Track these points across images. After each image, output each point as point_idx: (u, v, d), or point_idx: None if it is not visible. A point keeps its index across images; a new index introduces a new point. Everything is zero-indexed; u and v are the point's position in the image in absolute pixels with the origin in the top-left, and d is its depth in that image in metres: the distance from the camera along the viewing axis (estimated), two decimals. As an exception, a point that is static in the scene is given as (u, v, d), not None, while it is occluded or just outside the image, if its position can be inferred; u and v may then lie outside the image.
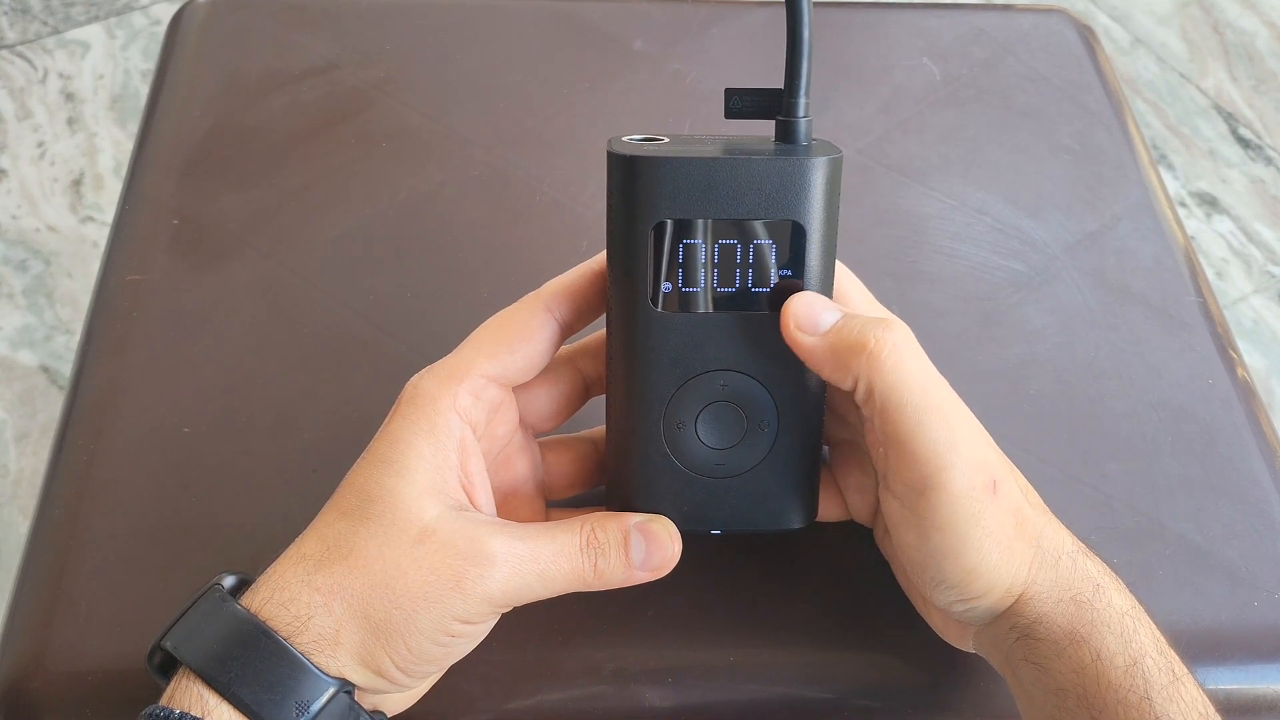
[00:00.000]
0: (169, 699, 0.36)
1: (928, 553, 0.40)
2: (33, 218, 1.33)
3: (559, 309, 0.42)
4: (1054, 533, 0.41)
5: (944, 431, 0.38)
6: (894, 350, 0.38)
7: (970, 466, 0.39)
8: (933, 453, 0.38)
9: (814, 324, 0.40)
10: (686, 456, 0.42)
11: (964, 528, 0.39)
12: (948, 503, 0.39)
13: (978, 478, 0.39)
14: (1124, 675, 0.38)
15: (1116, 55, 1.61)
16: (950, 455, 0.38)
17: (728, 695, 0.46)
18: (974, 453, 0.39)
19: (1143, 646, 0.39)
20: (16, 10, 1.55)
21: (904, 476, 0.40)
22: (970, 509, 0.39)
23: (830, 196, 0.40)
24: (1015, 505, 0.40)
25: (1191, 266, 0.62)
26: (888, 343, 0.38)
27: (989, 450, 0.40)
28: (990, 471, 0.39)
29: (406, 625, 0.37)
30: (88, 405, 0.53)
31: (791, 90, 0.40)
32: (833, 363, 0.39)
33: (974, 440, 0.39)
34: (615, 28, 0.72)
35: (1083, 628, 0.39)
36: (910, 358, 0.39)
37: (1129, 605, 0.40)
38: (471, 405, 0.41)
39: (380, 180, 0.63)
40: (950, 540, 0.39)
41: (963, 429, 0.39)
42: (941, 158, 0.66)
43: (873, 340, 0.39)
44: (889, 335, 0.39)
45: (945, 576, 0.40)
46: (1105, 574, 0.41)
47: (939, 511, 0.39)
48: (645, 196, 0.39)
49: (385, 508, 0.38)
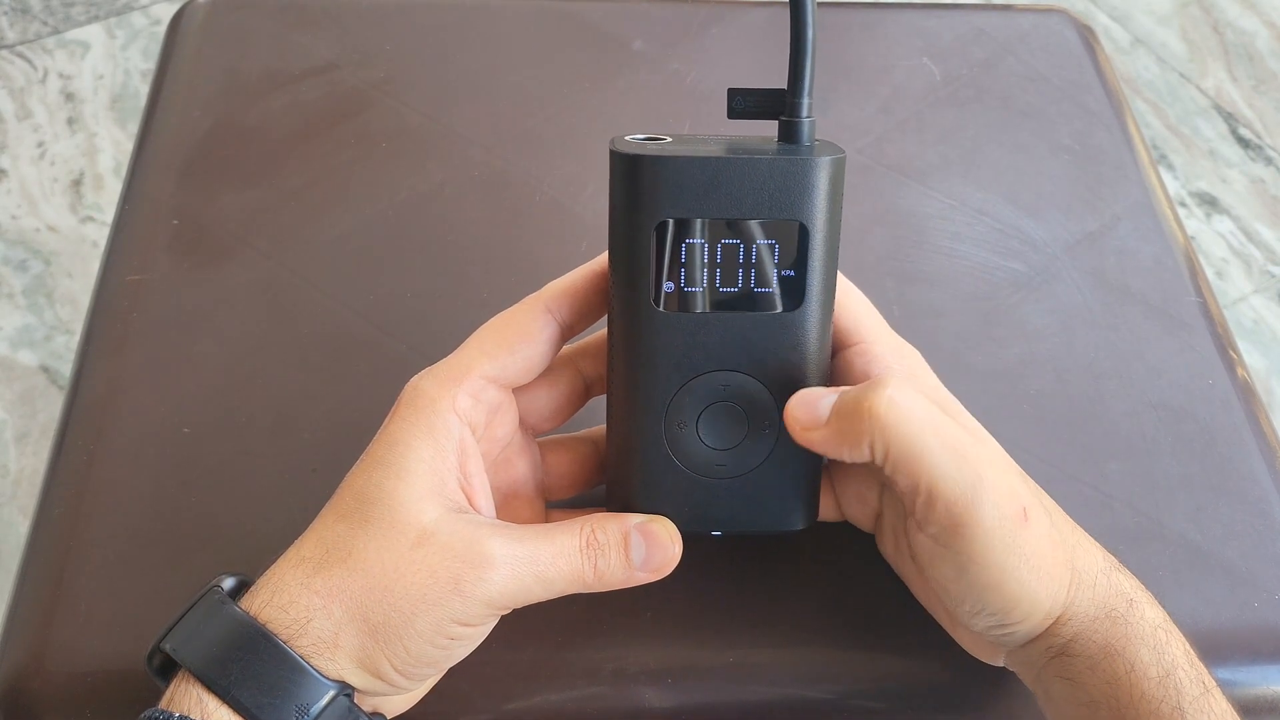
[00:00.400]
0: (168, 701, 0.36)
1: (967, 586, 0.40)
2: (33, 218, 1.33)
3: (560, 310, 0.42)
4: (1086, 551, 0.41)
5: (965, 471, 0.38)
6: (891, 406, 0.38)
7: (999, 498, 0.38)
8: (958, 493, 0.38)
9: (816, 418, 0.40)
10: (687, 457, 0.42)
11: (1002, 559, 0.39)
12: (982, 537, 0.39)
13: (1008, 508, 0.39)
14: (1157, 687, 0.39)
15: (1116, 55, 1.61)
16: (977, 492, 0.38)
17: (728, 695, 0.46)
18: (1000, 484, 0.39)
19: (1175, 659, 0.39)
20: (16, 10, 1.55)
21: (935, 519, 0.39)
22: (1005, 540, 0.39)
23: (833, 197, 0.40)
24: (1047, 529, 0.40)
25: (1191, 266, 0.62)
26: (882, 401, 0.38)
27: (1014, 478, 0.40)
28: (1019, 499, 0.39)
29: (405, 628, 0.37)
30: (88, 405, 0.53)
31: (795, 90, 0.40)
32: (846, 443, 0.39)
33: (997, 471, 0.39)
34: (615, 28, 0.72)
35: (1117, 641, 0.40)
36: (911, 407, 0.39)
37: (1161, 618, 0.40)
38: (471, 406, 0.40)
39: (380, 180, 0.63)
40: (990, 573, 0.39)
41: (984, 462, 0.39)
42: (941, 158, 0.66)
43: (868, 405, 0.38)
44: (882, 393, 0.38)
45: (987, 606, 0.40)
46: (1137, 588, 0.41)
47: (975, 546, 0.39)
48: (648, 196, 0.39)
49: (384, 510, 0.38)
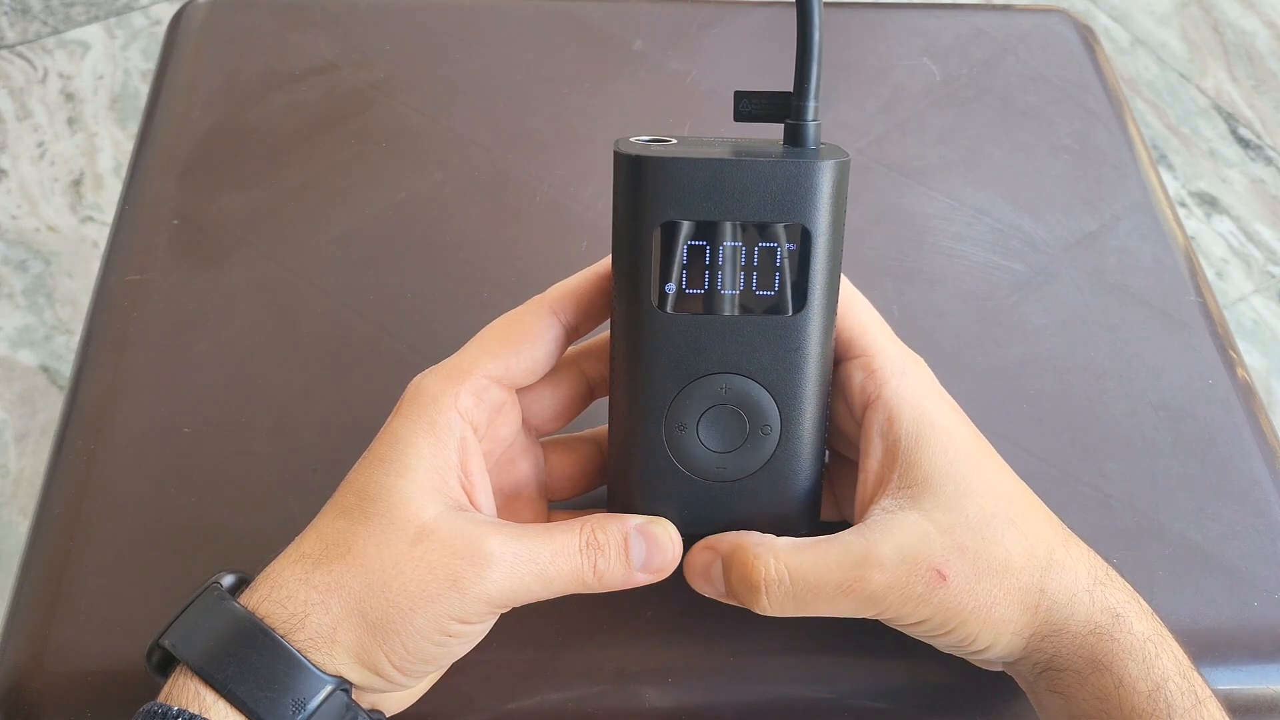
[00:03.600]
0: (166, 696, 0.37)
1: (923, 636, 0.41)
2: (33, 218, 1.33)
3: (564, 312, 0.42)
4: (1065, 572, 0.41)
5: (855, 597, 0.40)
6: (772, 602, 0.40)
7: (900, 590, 0.39)
8: (864, 611, 0.40)
9: (716, 591, 0.42)
10: (688, 459, 0.42)
11: (936, 617, 0.40)
12: (907, 615, 0.40)
13: (914, 587, 0.39)
14: (1147, 701, 0.39)
15: (1116, 55, 1.61)
16: (876, 604, 0.40)
17: (728, 695, 0.46)
18: (894, 577, 0.39)
19: (1165, 672, 0.39)
20: (16, 10, 1.55)
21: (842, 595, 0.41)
22: (931, 606, 0.39)
23: (837, 200, 0.40)
24: (990, 565, 0.40)
25: (1191, 266, 0.62)
26: (762, 603, 0.40)
27: (916, 550, 0.40)
28: (926, 569, 0.39)
29: (403, 624, 0.37)
30: (88, 405, 0.53)
31: (801, 93, 0.40)
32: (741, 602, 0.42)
33: (884, 572, 0.39)
34: (615, 28, 0.72)
35: (1104, 657, 0.40)
36: (786, 593, 0.40)
37: (1151, 631, 0.40)
38: (473, 405, 0.40)
39: (380, 180, 0.63)
40: (931, 626, 0.40)
41: (869, 577, 0.39)
42: (941, 158, 0.66)
43: (757, 607, 0.40)
44: (760, 597, 0.40)
45: (948, 645, 0.41)
46: (1126, 601, 0.41)
47: (904, 620, 0.40)
48: (651, 197, 0.39)
49: (384, 507, 0.38)
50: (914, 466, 0.41)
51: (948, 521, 0.40)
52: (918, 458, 0.41)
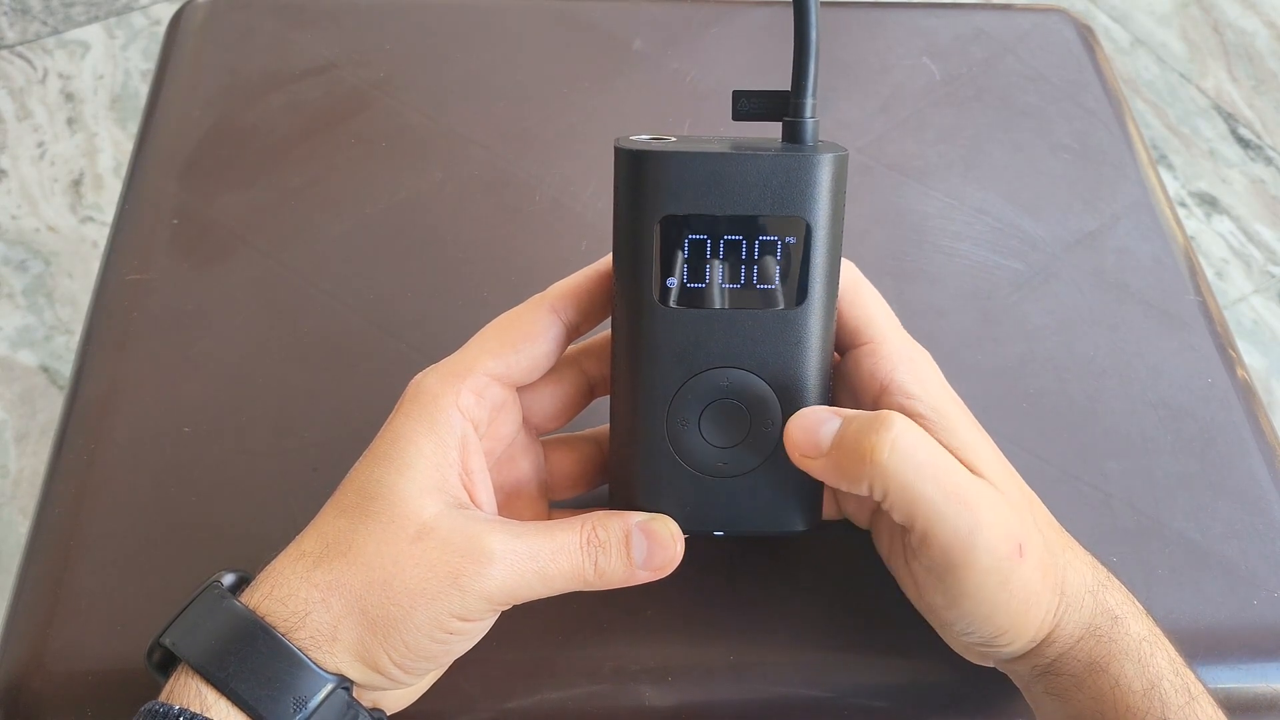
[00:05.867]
0: (167, 695, 0.37)
1: (957, 614, 0.41)
2: (33, 218, 1.33)
3: (565, 311, 0.42)
4: (1076, 572, 0.41)
5: (965, 516, 0.38)
6: (894, 451, 0.38)
7: (995, 540, 0.39)
8: (956, 538, 0.38)
9: (816, 446, 0.40)
10: (690, 455, 0.42)
11: (993, 594, 0.39)
12: (976, 577, 0.39)
13: (1004, 548, 0.39)
14: (1141, 699, 0.39)
15: (1116, 55, 1.61)
16: (974, 537, 0.38)
17: (728, 695, 0.46)
18: (997, 526, 0.39)
19: (1159, 670, 0.40)
20: (16, 10, 1.55)
21: (930, 556, 0.40)
22: (999, 579, 0.39)
23: (836, 194, 0.40)
24: (1039, 558, 0.40)
25: (1191, 266, 0.62)
26: (885, 446, 0.38)
27: (1011, 515, 0.40)
28: (1015, 536, 0.39)
29: (404, 622, 0.37)
30: (88, 405, 0.53)
31: (799, 91, 0.40)
32: (845, 479, 0.39)
33: (995, 514, 0.39)
34: (615, 28, 0.72)
35: (1101, 658, 0.40)
36: (913, 450, 0.38)
37: (1146, 631, 0.41)
38: (474, 403, 0.41)
39: (380, 180, 0.63)
40: (982, 607, 0.40)
41: (983, 505, 0.39)
42: (941, 157, 0.66)
43: (869, 447, 0.38)
44: (885, 436, 0.38)
45: (975, 631, 0.41)
46: (1124, 603, 0.41)
47: (968, 585, 0.39)
48: (651, 191, 0.39)
49: (385, 504, 0.38)
50: (950, 437, 0.40)
51: (1011, 498, 0.40)
52: (950, 432, 0.40)
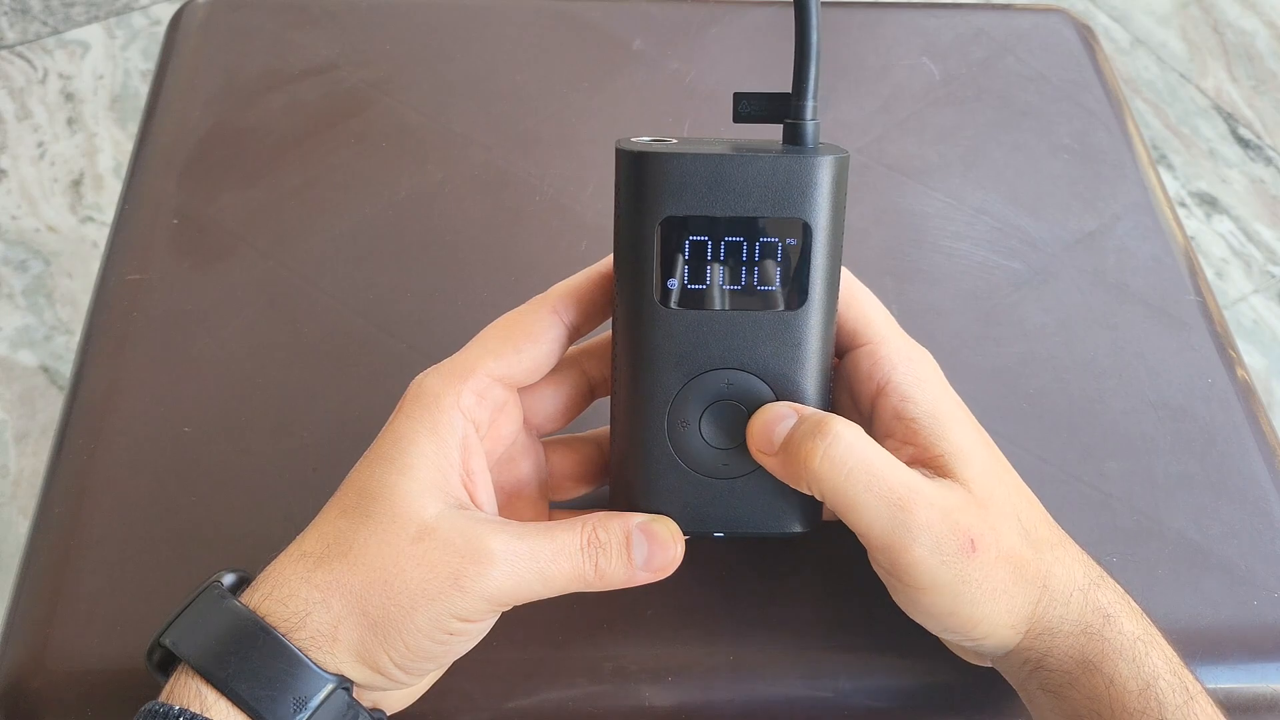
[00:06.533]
0: (168, 695, 0.37)
1: (920, 612, 0.41)
2: (33, 218, 1.33)
3: (566, 311, 0.42)
4: (1064, 567, 0.41)
5: (898, 517, 0.39)
6: (824, 458, 0.39)
7: (938, 538, 0.39)
8: (892, 539, 0.39)
9: (770, 443, 0.41)
10: (690, 456, 0.42)
11: (952, 587, 0.39)
12: (926, 573, 0.39)
13: (949, 544, 0.39)
14: (1138, 699, 0.39)
15: (1116, 55, 1.61)
16: (909, 535, 0.39)
17: (728, 695, 0.46)
18: (936, 523, 0.39)
19: (1155, 670, 0.40)
20: (16, 10, 1.55)
21: (876, 558, 0.41)
22: (951, 573, 0.39)
23: (837, 195, 0.40)
24: (1008, 553, 0.40)
25: (1191, 266, 0.62)
26: (817, 452, 0.39)
27: (961, 512, 0.40)
28: (962, 533, 0.39)
29: (405, 622, 0.37)
30: (88, 405, 0.53)
31: (799, 93, 0.40)
32: (790, 479, 0.41)
33: (934, 512, 0.39)
34: (615, 28, 0.72)
35: (1095, 657, 0.40)
36: (844, 456, 0.39)
37: (1141, 630, 0.41)
38: (475, 404, 0.41)
39: (380, 180, 0.63)
40: (942, 599, 0.40)
41: (919, 505, 0.39)
42: (941, 157, 0.66)
43: (806, 453, 0.39)
44: (819, 443, 0.39)
45: (946, 627, 0.41)
46: (1117, 602, 0.41)
47: (920, 581, 0.40)
48: (652, 192, 0.39)
49: (385, 505, 0.38)
50: (938, 441, 0.41)
51: (980, 496, 0.40)
52: (939, 436, 0.41)
